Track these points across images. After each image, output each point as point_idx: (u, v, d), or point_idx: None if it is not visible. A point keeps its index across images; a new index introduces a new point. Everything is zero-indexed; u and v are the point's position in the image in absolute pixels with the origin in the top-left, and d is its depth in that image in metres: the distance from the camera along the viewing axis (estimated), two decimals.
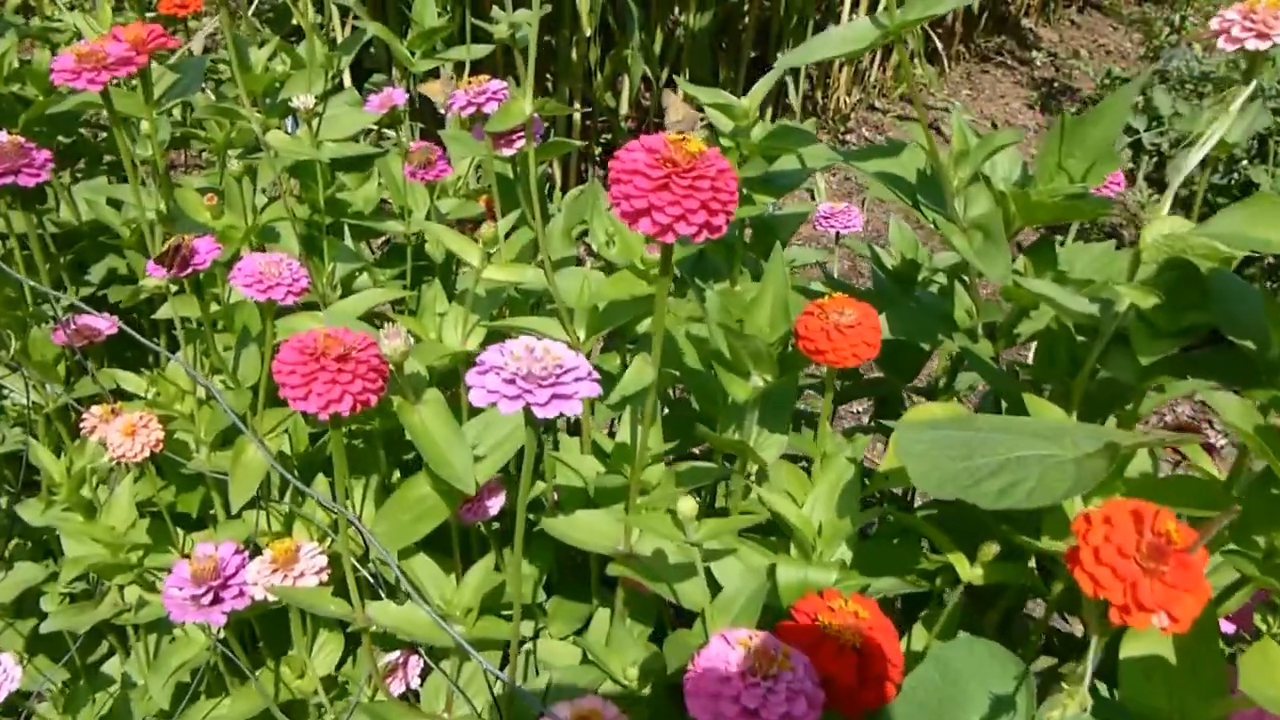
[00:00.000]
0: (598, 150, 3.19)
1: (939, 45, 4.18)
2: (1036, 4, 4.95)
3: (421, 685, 0.95)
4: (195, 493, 1.03)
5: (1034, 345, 0.89)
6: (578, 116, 3.08)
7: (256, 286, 0.75)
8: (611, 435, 0.89)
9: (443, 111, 1.09)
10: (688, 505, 0.61)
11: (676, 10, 3.21)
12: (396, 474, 1.02)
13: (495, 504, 0.88)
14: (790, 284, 0.69)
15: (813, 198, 3.47)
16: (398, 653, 0.98)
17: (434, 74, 2.60)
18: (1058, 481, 0.49)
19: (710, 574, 0.75)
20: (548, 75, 3.03)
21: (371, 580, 0.86)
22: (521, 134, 0.94)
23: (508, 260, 0.89)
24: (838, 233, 1.39)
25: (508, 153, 0.94)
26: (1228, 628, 0.72)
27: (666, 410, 0.97)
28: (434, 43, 1.32)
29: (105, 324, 1.03)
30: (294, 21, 2.98)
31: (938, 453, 0.54)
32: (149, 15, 1.64)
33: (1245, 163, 2.70)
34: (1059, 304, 0.68)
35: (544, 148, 0.98)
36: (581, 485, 0.89)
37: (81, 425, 0.97)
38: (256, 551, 0.94)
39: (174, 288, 0.96)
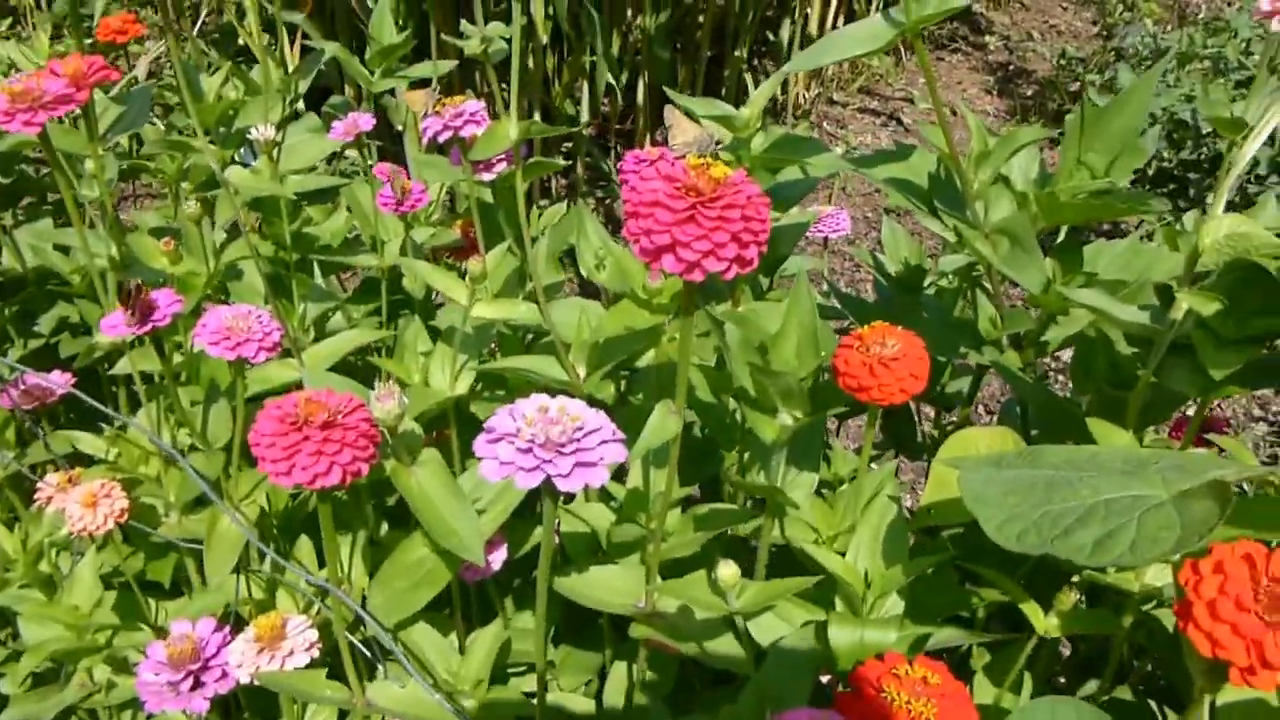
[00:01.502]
0: (561, 160, 3.12)
1: None
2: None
3: None
4: (166, 560, 0.95)
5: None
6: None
7: (225, 344, 0.68)
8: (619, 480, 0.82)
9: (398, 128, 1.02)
10: (729, 571, 0.55)
11: (629, 13, 3.15)
12: (385, 526, 0.95)
13: (497, 559, 0.81)
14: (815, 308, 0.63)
15: None
16: None
17: (391, 93, 2.53)
18: (1161, 530, 0.43)
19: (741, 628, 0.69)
20: (503, 85, 2.96)
21: (366, 652, 0.79)
22: (501, 157, 0.87)
23: (494, 293, 0.82)
24: (825, 238, 1.33)
25: (487, 177, 0.87)
26: None
27: None
28: (393, 60, 1.25)
29: (58, 382, 0.95)
30: (240, 41, 2.88)
31: (1014, 499, 0.48)
32: (87, 42, 1.55)
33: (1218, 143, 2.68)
34: (1110, 315, 0.62)
35: (526, 168, 0.91)
36: (587, 532, 0.83)
37: (37, 496, 0.89)
38: (238, 621, 0.87)
39: (131, 339, 0.88)
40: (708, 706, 0.78)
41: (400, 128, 1.40)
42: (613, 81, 2.93)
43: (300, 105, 1.69)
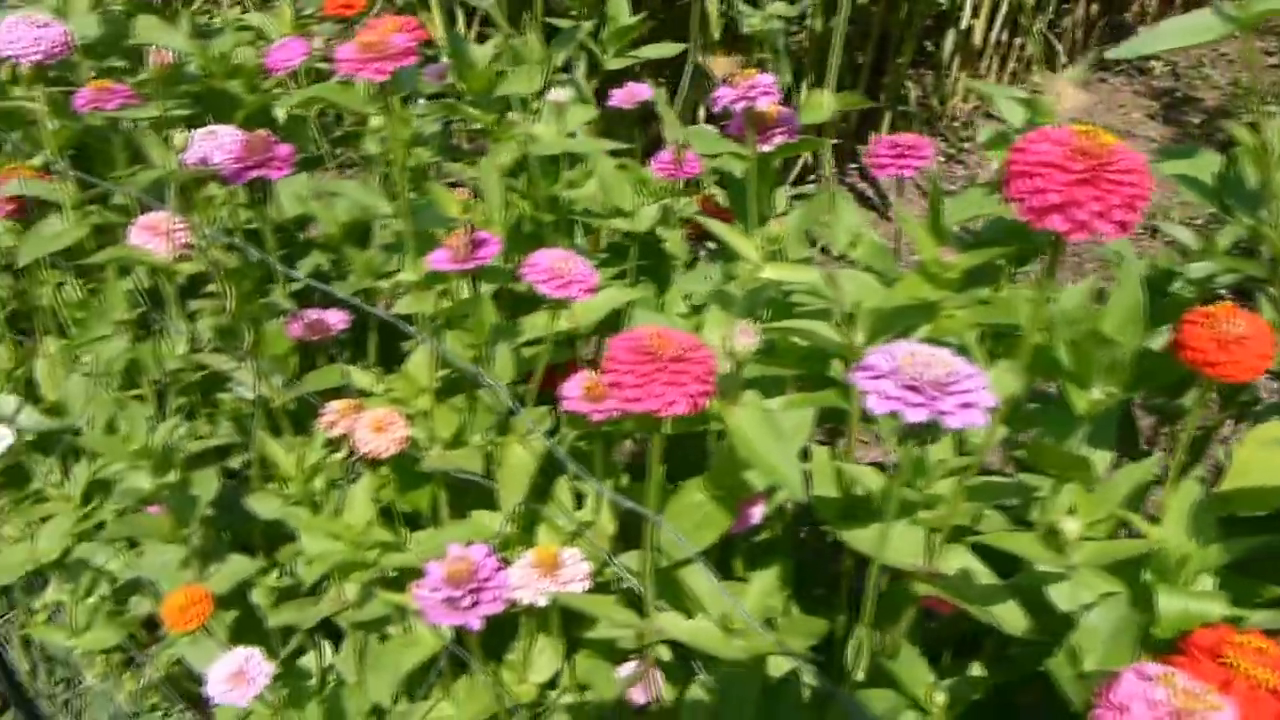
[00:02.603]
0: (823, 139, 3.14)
1: (1061, 51, 4.07)
2: (1154, 11, 4.80)
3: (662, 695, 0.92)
4: (422, 490, 1.01)
5: None
6: (702, 115, 3.06)
7: (553, 283, 0.73)
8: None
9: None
10: (1073, 526, 0.57)
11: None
12: (626, 478, 0.99)
13: (758, 512, 0.85)
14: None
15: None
16: (635, 663, 0.96)
17: (625, 72, 2.63)
18: None
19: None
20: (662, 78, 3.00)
21: (636, 590, 0.83)
22: (780, 130, 0.91)
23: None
24: None
25: (766, 149, 0.91)
26: None
27: None
28: (628, 40, 1.31)
29: (336, 319, 1.02)
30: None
31: None
32: (303, 16, 1.63)
33: None
34: None
35: (793, 145, 0.95)
36: (837, 496, 0.86)
37: (321, 420, 0.96)
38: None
39: (413, 281, 0.94)
40: (953, 673, 0.80)
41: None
42: (789, 79, 2.95)
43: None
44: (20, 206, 1.16)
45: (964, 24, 3.66)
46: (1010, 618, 0.68)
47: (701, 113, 3.07)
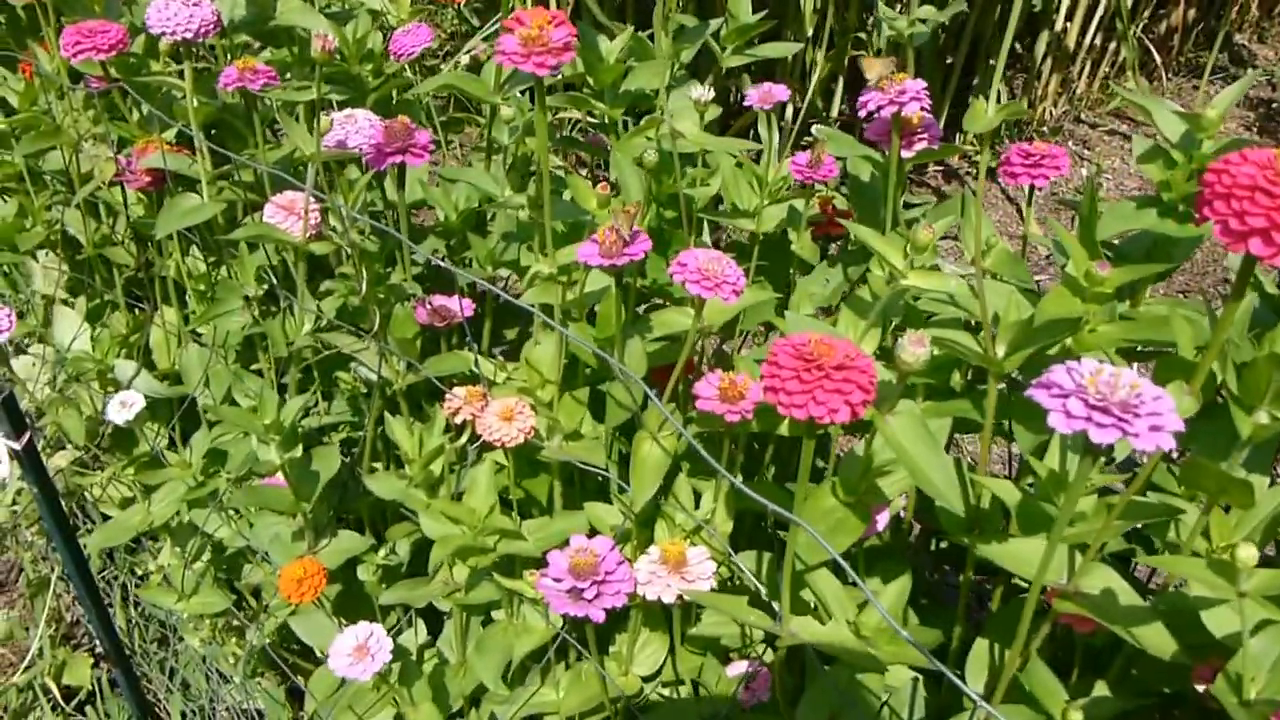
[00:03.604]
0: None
1: (1156, 57, 3.98)
2: (1252, 19, 4.67)
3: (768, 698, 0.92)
4: (539, 479, 1.02)
5: None
6: (789, 113, 3.04)
7: (703, 284, 0.73)
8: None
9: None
10: (1249, 553, 0.56)
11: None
12: (740, 478, 0.99)
13: (883, 519, 0.85)
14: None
15: (1021, 217, 3.34)
16: (745, 663, 0.96)
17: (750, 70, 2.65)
18: None
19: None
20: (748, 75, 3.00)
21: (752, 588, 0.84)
22: (923, 136, 0.91)
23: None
24: None
25: (908, 154, 0.91)
26: None
27: None
28: (748, 39, 1.30)
29: (464, 306, 1.04)
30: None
31: None
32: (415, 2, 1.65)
33: None
34: None
35: (934, 151, 0.94)
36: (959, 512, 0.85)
37: (446, 405, 0.97)
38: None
39: (546, 271, 0.95)
40: (1079, 692, 0.79)
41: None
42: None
43: None
44: (156, 179, 1.20)
45: (1058, 26, 3.60)
46: (1157, 640, 0.67)
47: (789, 111, 3.06)
